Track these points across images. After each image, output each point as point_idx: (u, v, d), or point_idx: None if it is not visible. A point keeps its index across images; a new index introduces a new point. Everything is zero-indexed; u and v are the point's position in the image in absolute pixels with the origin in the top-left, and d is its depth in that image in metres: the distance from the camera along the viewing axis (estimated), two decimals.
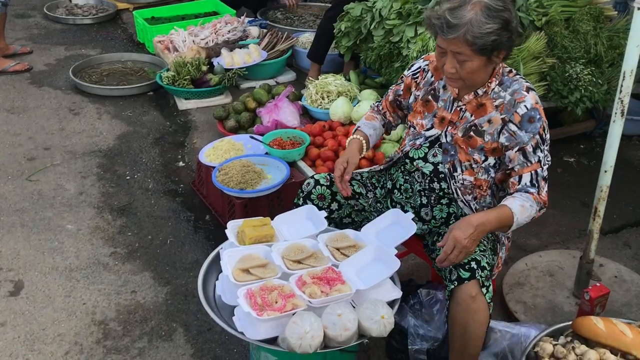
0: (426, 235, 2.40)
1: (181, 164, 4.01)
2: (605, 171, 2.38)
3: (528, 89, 2.14)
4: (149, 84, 4.94)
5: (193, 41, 5.19)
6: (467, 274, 2.03)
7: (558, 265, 2.93)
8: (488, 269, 2.07)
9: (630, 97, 4.02)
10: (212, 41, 5.22)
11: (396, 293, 2.11)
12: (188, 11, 6.07)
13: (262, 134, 3.78)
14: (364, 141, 2.45)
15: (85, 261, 3.09)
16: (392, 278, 2.15)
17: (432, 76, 2.32)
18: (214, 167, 3.37)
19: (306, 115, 4.01)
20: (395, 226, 2.28)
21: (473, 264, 2.04)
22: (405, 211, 2.35)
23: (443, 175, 2.27)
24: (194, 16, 5.98)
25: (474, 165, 2.22)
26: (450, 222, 2.30)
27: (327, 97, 3.92)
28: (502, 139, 2.15)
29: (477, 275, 2.02)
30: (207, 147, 3.62)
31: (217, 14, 6.01)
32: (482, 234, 2.04)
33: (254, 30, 5.40)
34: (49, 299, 2.84)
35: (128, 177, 3.82)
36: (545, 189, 2.17)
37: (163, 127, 4.47)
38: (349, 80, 4.22)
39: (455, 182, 2.26)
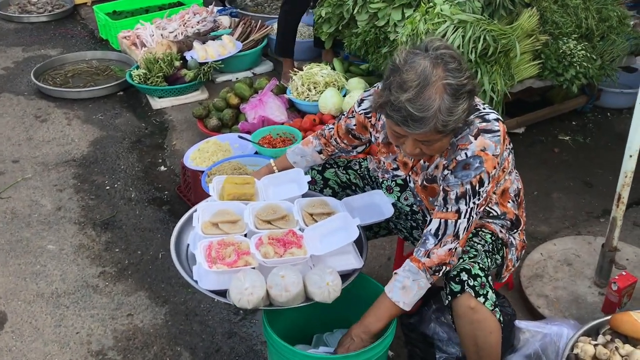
0: None
1: (163, 168, 3.77)
2: (631, 156, 2.26)
3: (479, 134, 1.85)
4: (118, 84, 4.66)
5: (161, 35, 4.91)
6: (457, 287, 1.88)
7: (574, 253, 2.82)
8: (482, 274, 1.91)
9: (620, 70, 3.99)
10: (182, 34, 4.95)
11: (357, 263, 2.08)
12: (151, 3, 5.76)
13: (248, 132, 3.57)
14: (275, 168, 2.44)
15: (73, 284, 2.85)
16: (359, 249, 2.13)
17: None
18: (201, 172, 3.16)
19: (292, 109, 3.81)
20: (374, 206, 2.25)
21: (463, 275, 1.88)
22: (397, 229, 2.33)
23: (420, 214, 2.18)
24: (158, 8, 5.70)
25: None
26: None
27: (314, 88, 3.72)
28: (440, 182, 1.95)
29: (466, 287, 1.87)
30: (192, 150, 3.40)
31: (183, 5, 5.72)
32: (368, 335, 1.95)
33: (225, 20, 5.15)
34: (38, 331, 2.61)
35: (108, 187, 3.57)
36: (450, 247, 1.87)
37: (138, 129, 4.21)
38: (333, 68, 4.02)
39: None
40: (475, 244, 2.01)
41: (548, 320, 2.33)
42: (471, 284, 1.87)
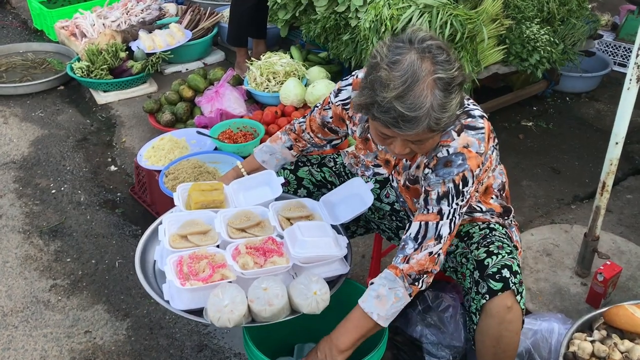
0: None
1: (113, 168, 3.51)
2: (617, 143, 2.18)
3: (462, 129, 1.73)
4: (58, 77, 4.34)
5: (103, 24, 4.60)
6: (499, 285, 1.75)
7: (552, 242, 2.76)
8: (520, 271, 1.81)
9: (581, 54, 3.98)
10: (125, 23, 4.65)
11: (343, 268, 1.92)
12: None
13: (205, 127, 3.36)
14: (243, 171, 2.24)
15: (21, 301, 2.59)
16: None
17: None
18: (157, 171, 2.94)
19: (251, 100, 3.61)
20: (355, 197, 2.08)
21: (505, 272, 1.76)
22: (381, 226, 2.18)
23: (403, 213, 2.03)
24: None
25: None
26: None
27: (274, 78, 3.52)
28: (421, 182, 1.82)
29: (510, 284, 1.75)
30: (145, 148, 3.15)
31: None
32: (336, 350, 1.75)
33: (171, 7, 4.88)
34: None
35: (54, 191, 3.29)
36: (430, 250, 1.72)
37: (83, 127, 3.91)
38: (291, 57, 3.83)
39: None
40: (503, 238, 1.88)
41: (536, 316, 2.25)
42: (514, 280, 1.74)
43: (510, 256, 1.80)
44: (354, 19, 3.46)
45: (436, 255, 1.74)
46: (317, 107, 2.14)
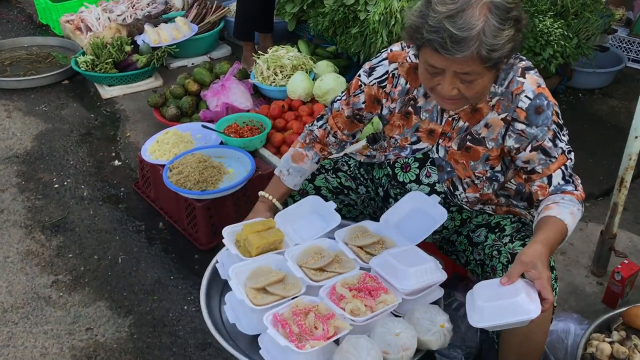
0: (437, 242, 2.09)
1: (117, 162, 3.45)
2: (636, 137, 2.10)
3: (524, 72, 1.72)
4: (63, 72, 4.28)
5: (109, 18, 4.54)
6: None
7: (567, 241, 2.66)
8: (555, 267, 1.77)
9: (595, 49, 3.89)
10: (131, 17, 4.60)
11: (438, 292, 1.77)
12: None
13: (210, 121, 3.30)
14: (275, 200, 2.05)
15: (22, 297, 2.53)
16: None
17: (406, 83, 1.87)
18: (162, 166, 2.88)
19: (257, 94, 3.54)
20: (418, 213, 1.89)
21: None
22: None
23: (444, 195, 1.93)
24: None
25: (476, 181, 1.87)
26: (467, 225, 1.97)
27: (281, 72, 3.45)
28: (510, 142, 1.75)
29: None
30: (150, 142, 3.10)
31: None
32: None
33: (177, 1, 4.83)
34: None
35: (56, 186, 3.23)
36: (579, 180, 1.81)
37: (87, 121, 3.86)
38: (299, 51, 3.77)
39: (459, 200, 1.93)
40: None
41: None
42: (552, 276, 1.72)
43: None
44: (363, 11, 3.39)
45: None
46: (339, 100, 2.04)
